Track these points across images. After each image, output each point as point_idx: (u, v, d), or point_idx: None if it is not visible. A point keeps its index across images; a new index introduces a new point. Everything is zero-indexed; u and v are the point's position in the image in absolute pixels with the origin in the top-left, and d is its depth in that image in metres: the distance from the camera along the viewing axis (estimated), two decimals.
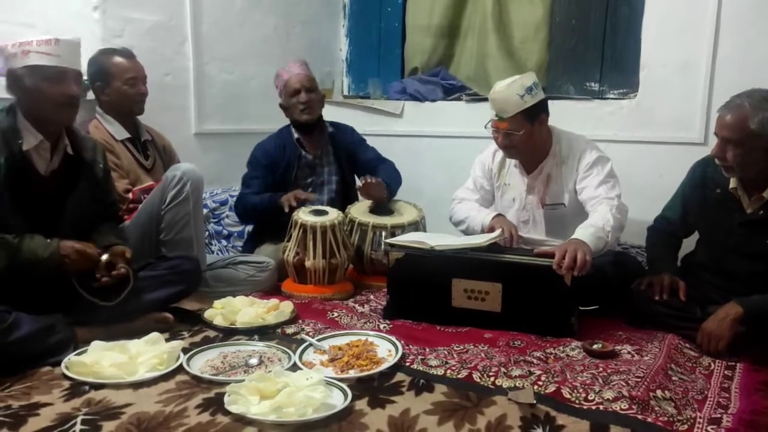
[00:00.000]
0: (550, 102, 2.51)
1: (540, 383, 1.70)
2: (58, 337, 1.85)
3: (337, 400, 1.57)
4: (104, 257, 1.97)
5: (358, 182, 2.80)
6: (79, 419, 1.49)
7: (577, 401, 1.60)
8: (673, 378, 1.78)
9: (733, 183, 2.12)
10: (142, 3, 3.01)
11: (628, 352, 1.97)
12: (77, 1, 2.81)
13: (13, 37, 1.90)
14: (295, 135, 2.97)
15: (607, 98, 3.28)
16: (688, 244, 2.45)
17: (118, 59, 2.54)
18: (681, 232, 2.42)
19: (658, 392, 1.64)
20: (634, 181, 2.86)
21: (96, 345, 1.84)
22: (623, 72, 3.24)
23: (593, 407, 1.57)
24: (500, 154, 2.60)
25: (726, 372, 1.88)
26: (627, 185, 2.62)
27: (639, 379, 1.71)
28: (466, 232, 2.61)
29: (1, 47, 1.89)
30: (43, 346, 1.80)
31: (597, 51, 3.34)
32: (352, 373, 1.76)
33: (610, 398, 1.60)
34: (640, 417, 1.51)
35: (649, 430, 1.45)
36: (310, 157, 2.98)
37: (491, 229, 2.44)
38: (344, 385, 1.64)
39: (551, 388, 1.67)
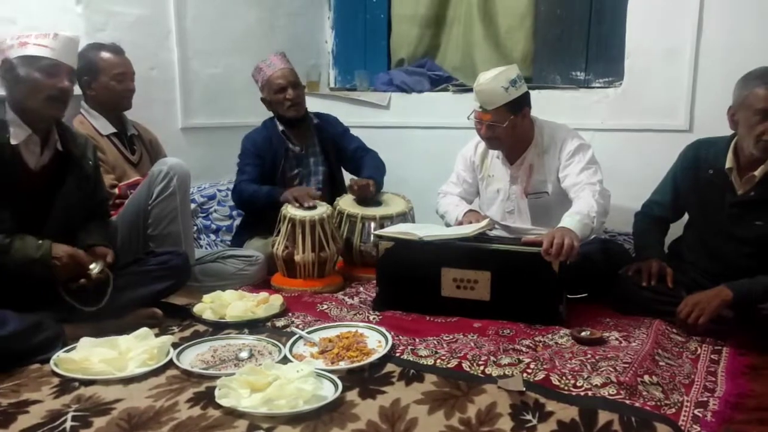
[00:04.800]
0: (536, 92, 2.53)
1: (529, 371, 1.71)
2: (46, 334, 1.84)
3: (328, 392, 1.58)
4: (94, 265, 1.95)
5: (347, 181, 2.81)
6: (69, 416, 1.49)
7: (566, 388, 1.62)
8: (661, 363, 1.80)
9: (729, 163, 2.13)
10: None
11: (616, 339, 1.99)
12: None
13: None
14: (280, 128, 2.96)
15: (593, 87, 3.30)
16: (675, 231, 2.47)
17: (107, 55, 2.52)
18: (670, 216, 2.44)
19: (646, 377, 1.66)
20: (621, 169, 2.88)
21: (85, 341, 1.83)
22: (608, 60, 3.25)
23: (582, 393, 1.59)
24: (482, 146, 2.61)
25: (712, 356, 1.91)
26: (614, 173, 2.65)
27: (627, 365, 1.73)
28: (446, 226, 2.62)
29: None
30: (31, 344, 1.79)
31: (582, 40, 3.35)
32: (343, 365, 1.77)
33: (599, 384, 1.61)
34: (628, 402, 1.53)
35: (638, 415, 1.47)
36: (296, 149, 2.97)
37: (461, 223, 2.48)
38: (335, 377, 1.64)
39: (540, 376, 1.68)
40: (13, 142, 1.87)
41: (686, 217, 2.40)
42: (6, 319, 1.73)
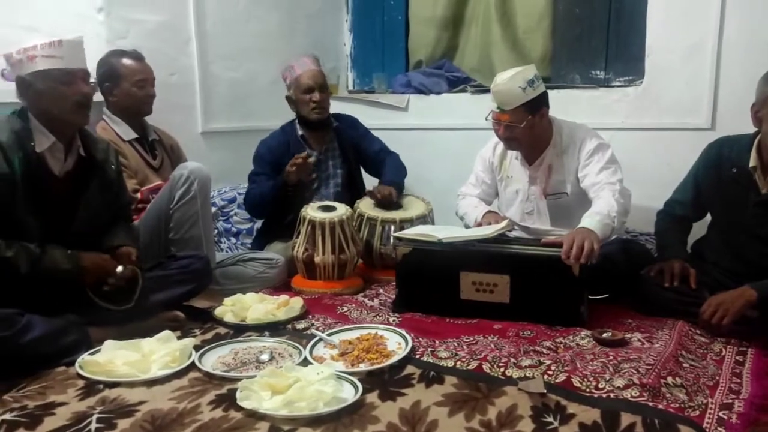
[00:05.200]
0: (555, 92, 2.51)
1: (550, 373, 1.70)
2: (72, 337, 1.87)
3: (348, 394, 1.58)
4: (119, 269, 1.98)
5: (367, 183, 2.82)
6: (94, 417, 1.51)
7: (587, 390, 1.61)
8: (684, 365, 1.77)
9: (753, 161, 2.09)
10: (145, 3, 3.01)
11: (639, 340, 1.97)
12: (81, 3, 2.82)
13: (17, 40, 1.90)
14: (300, 132, 2.97)
15: (613, 86, 3.27)
16: (698, 231, 2.43)
17: (128, 61, 2.55)
18: (692, 215, 2.40)
19: (669, 379, 1.64)
20: (642, 169, 2.85)
21: (109, 344, 1.86)
22: (629, 59, 3.22)
23: (604, 395, 1.57)
24: (500, 147, 2.60)
25: (737, 357, 1.88)
26: (635, 173, 2.62)
27: (650, 367, 1.71)
28: (466, 228, 2.62)
29: (6, 55, 1.89)
30: (57, 347, 1.82)
31: (601, 39, 3.32)
32: (363, 367, 1.77)
33: (621, 386, 1.60)
34: (651, 404, 1.52)
35: (661, 417, 1.45)
36: (314, 154, 2.98)
37: (480, 225, 2.47)
38: (355, 379, 1.65)
39: (561, 378, 1.67)
40: (37, 149, 1.90)
41: (709, 216, 2.37)
42: (33, 323, 1.76)
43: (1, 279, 1.76)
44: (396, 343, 1.94)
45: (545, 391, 1.58)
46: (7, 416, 1.52)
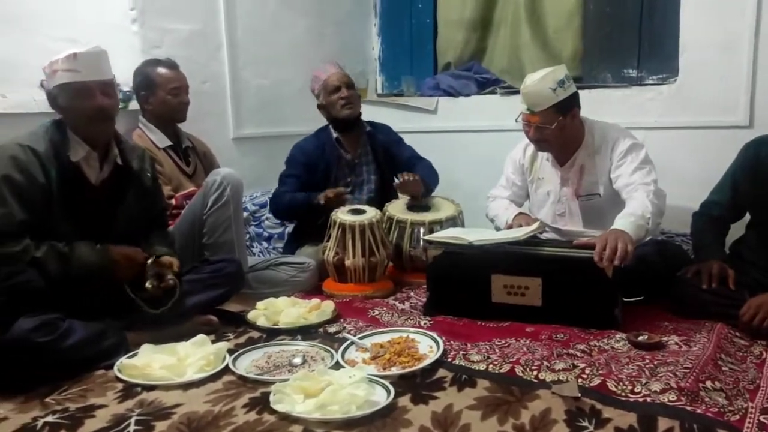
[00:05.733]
0: (586, 91, 2.48)
1: (584, 376, 1.68)
2: (110, 341, 1.91)
3: (380, 397, 1.58)
4: (150, 260, 2.03)
5: (396, 180, 2.81)
6: (132, 420, 1.54)
7: (623, 393, 1.58)
8: (723, 368, 1.74)
9: None
10: (178, 13, 3.08)
11: (676, 343, 1.93)
12: (116, 14, 2.89)
13: (58, 52, 1.96)
14: (334, 135, 2.99)
15: (646, 84, 3.22)
16: (735, 232, 2.38)
17: (163, 70, 2.61)
18: (729, 216, 2.35)
19: (708, 383, 1.61)
20: (678, 169, 2.80)
21: (146, 348, 1.90)
22: (662, 56, 3.17)
23: (640, 399, 1.55)
24: (531, 148, 2.58)
25: None
26: (670, 173, 2.58)
27: (687, 370, 1.68)
28: (497, 230, 2.60)
29: (44, 68, 1.96)
30: (96, 351, 1.86)
31: (634, 36, 3.28)
32: (395, 370, 1.77)
33: (658, 390, 1.57)
34: (689, 408, 1.49)
35: (700, 422, 1.42)
36: (349, 157, 3.00)
37: (511, 227, 2.46)
38: (387, 382, 1.65)
39: (596, 381, 1.65)
40: (73, 159, 1.95)
41: (747, 216, 2.31)
42: (73, 328, 1.80)
43: (39, 282, 1.80)
44: (427, 347, 1.94)
45: (579, 394, 1.56)
46: (50, 418, 1.56)
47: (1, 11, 2.65)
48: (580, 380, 1.66)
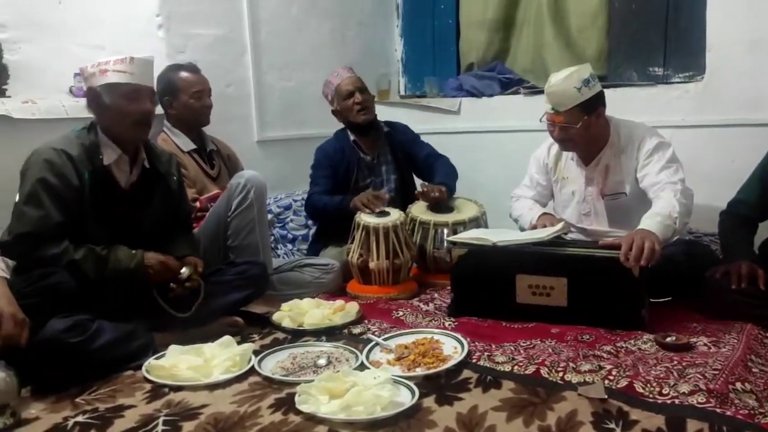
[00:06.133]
0: (611, 90, 2.45)
1: (611, 378, 1.67)
2: (139, 342, 1.95)
3: (405, 398, 1.59)
4: (184, 270, 2.06)
5: (418, 187, 2.82)
6: (160, 420, 1.57)
7: (651, 395, 1.56)
8: (754, 369, 1.70)
9: None
10: (202, 18, 3.11)
11: (704, 344, 1.90)
12: (143, 21, 2.94)
13: (86, 58, 2.00)
14: (352, 137, 3.01)
15: (672, 82, 3.17)
16: (762, 232, 2.34)
17: (185, 74, 2.64)
18: (757, 215, 2.31)
19: (738, 385, 1.58)
20: (705, 168, 2.76)
21: (173, 349, 1.92)
22: (688, 54, 3.12)
23: (668, 401, 1.53)
24: (555, 148, 2.56)
25: None
26: (697, 172, 2.54)
27: (717, 372, 1.65)
28: (521, 231, 2.59)
29: (81, 68, 2.01)
30: (125, 352, 1.89)
31: (659, 34, 3.23)
32: (419, 371, 1.77)
33: (686, 392, 1.55)
34: (718, 410, 1.46)
35: (730, 424, 1.40)
36: (368, 159, 3.01)
37: (535, 227, 2.44)
38: (411, 383, 1.65)
39: (623, 383, 1.63)
40: (105, 162, 1.99)
41: None
42: (103, 329, 1.83)
43: (71, 283, 1.84)
44: (452, 348, 1.94)
45: (606, 396, 1.55)
46: (80, 418, 1.59)
47: (30, 20, 2.72)
48: (606, 382, 1.64)
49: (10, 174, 1.97)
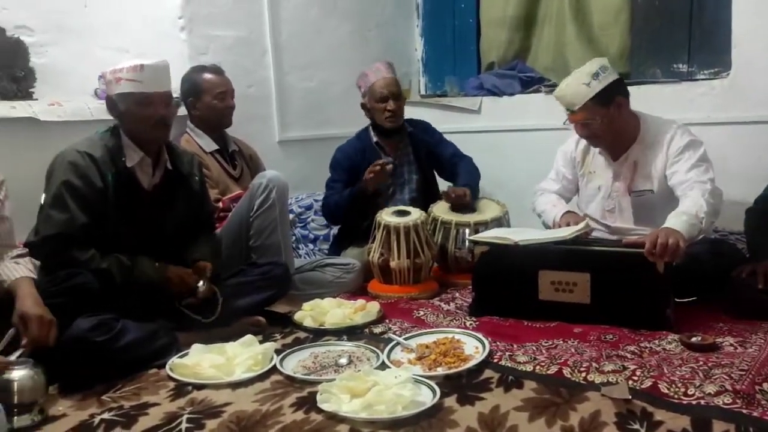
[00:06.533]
0: (635, 87, 2.42)
1: (635, 378, 1.65)
2: (162, 341, 1.97)
3: (426, 398, 1.58)
4: (200, 283, 2.09)
5: (442, 188, 2.82)
6: (184, 418, 1.58)
7: (675, 396, 1.54)
8: None
9: None
10: (224, 20, 3.14)
11: (731, 345, 1.87)
12: (165, 23, 2.97)
13: (111, 61, 2.03)
14: (374, 138, 3.01)
15: (697, 79, 3.12)
16: None
17: (208, 75, 2.66)
18: None
19: (765, 385, 1.55)
20: (731, 165, 2.71)
21: (196, 348, 1.94)
22: (714, 50, 3.07)
23: (694, 402, 1.51)
24: (583, 141, 2.54)
25: None
26: (723, 169, 2.49)
27: (743, 372, 1.63)
28: (544, 226, 2.57)
29: (102, 74, 2.04)
30: (149, 350, 1.92)
31: (684, 30, 3.18)
32: (440, 371, 1.77)
33: (712, 392, 1.53)
34: (745, 411, 1.44)
35: (757, 425, 1.38)
36: (391, 160, 3.01)
37: (559, 225, 2.42)
38: (432, 383, 1.65)
39: (647, 383, 1.61)
40: (128, 164, 2.02)
41: None
42: (127, 328, 1.86)
43: (95, 284, 1.87)
44: (473, 347, 1.93)
45: (630, 396, 1.53)
46: (106, 415, 1.62)
47: (56, 23, 2.76)
48: (630, 382, 1.63)
49: (37, 176, 2.00)
